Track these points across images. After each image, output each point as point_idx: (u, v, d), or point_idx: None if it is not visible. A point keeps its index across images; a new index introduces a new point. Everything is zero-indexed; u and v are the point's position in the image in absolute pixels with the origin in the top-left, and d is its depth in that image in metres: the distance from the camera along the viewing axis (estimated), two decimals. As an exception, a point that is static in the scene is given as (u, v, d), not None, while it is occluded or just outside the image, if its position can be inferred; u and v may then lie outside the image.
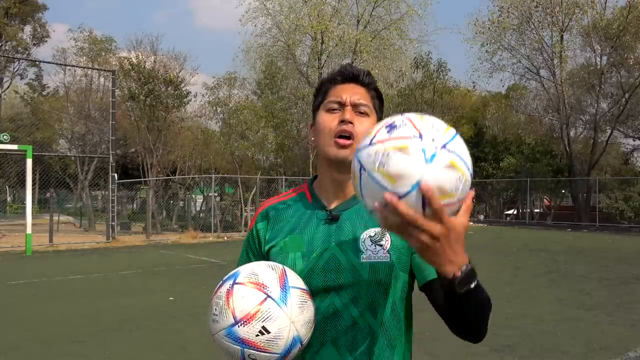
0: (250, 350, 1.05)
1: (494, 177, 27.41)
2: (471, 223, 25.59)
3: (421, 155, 0.89)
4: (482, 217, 27.75)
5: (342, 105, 1.27)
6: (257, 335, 1.04)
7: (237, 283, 1.09)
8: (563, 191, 27.84)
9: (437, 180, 0.89)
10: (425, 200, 0.89)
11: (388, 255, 1.21)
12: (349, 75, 1.30)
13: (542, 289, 8.09)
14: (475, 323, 1.10)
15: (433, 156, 0.90)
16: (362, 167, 0.95)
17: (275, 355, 1.06)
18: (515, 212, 28.99)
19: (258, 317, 1.04)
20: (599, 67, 24.22)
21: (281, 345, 1.06)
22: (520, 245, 15.34)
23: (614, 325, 5.82)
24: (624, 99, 23.63)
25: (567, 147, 24.47)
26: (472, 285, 0.99)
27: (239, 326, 1.04)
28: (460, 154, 0.95)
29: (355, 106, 1.27)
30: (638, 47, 23.32)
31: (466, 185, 0.95)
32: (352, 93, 1.28)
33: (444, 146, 0.92)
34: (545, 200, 29.60)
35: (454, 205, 0.93)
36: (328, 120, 1.27)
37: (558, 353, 4.84)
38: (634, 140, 28.85)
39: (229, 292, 1.08)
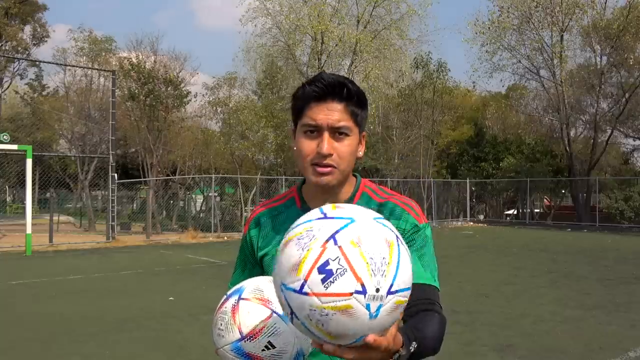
0: None
1: (494, 177, 27.40)
2: (471, 223, 25.61)
3: (366, 314, 0.79)
4: (482, 217, 27.75)
5: (319, 128, 1.19)
6: (263, 350, 1.06)
7: (242, 299, 1.10)
8: (563, 191, 27.83)
9: (382, 327, 0.83)
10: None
11: None
12: (322, 92, 1.18)
13: (542, 289, 8.08)
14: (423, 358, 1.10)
15: (379, 309, 0.80)
16: (293, 312, 0.83)
17: None
18: (515, 212, 28.97)
19: (264, 333, 1.06)
20: (599, 67, 24.21)
21: (285, 359, 1.07)
22: (520, 245, 15.33)
23: (614, 325, 5.81)
24: (624, 99, 23.62)
25: (567, 147, 24.46)
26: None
27: (245, 341, 1.06)
28: (405, 284, 0.84)
29: (333, 129, 1.18)
30: (638, 47, 23.31)
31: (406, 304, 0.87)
32: (328, 114, 1.18)
33: (389, 291, 0.81)
34: (545, 200, 29.59)
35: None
36: (305, 146, 1.20)
37: (558, 353, 4.84)
38: (634, 140, 28.87)
39: (234, 308, 1.09)
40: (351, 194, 1.30)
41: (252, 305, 1.09)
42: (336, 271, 0.78)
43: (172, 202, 26.11)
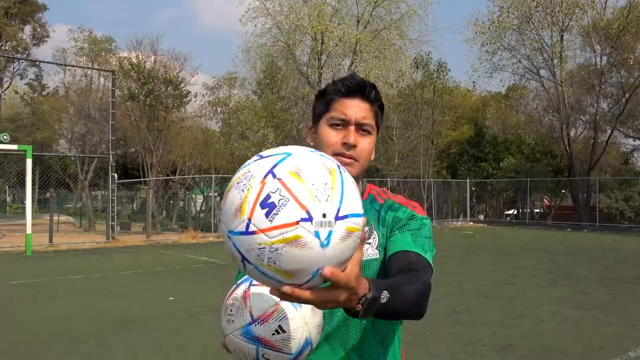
0: (265, 350, 1.06)
1: (494, 177, 27.40)
2: (471, 223, 25.60)
3: (316, 242, 0.76)
4: (482, 217, 27.75)
5: (346, 122, 1.25)
6: (273, 334, 1.06)
7: (253, 285, 1.12)
8: (563, 191, 27.83)
9: (338, 258, 0.79)
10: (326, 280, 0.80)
11: (377, 252, 1.25)
12: (354, 88, 1.26)
13: (542, 289, 8.09)
14: (402, 317, 1.09)
15: (329, 236, 0.77)
16: (244, 258, 0.79)
17: (288, 355, 1.08)
18: (515, 212, 28.98)
19: (275, 317, 1.07)
20: (599, 67, 24.22)
21: (294, 346, 1.08)
22: (520, 245, 15.34)
23: (614, 325, 5.81)
24: (624, 99, 23.62)
25: (567, 147, 24.47)
26: (377, 307, 0.92)
27: (255, 325, 1.07)
28: (353, 210, 0.81)
29: (359, 125, 1.25)
30: (638, 47, 23.31)
31: (362, 234, 0.83)
32: (356, 110, 1.25)
33: (337, 217, 0.78)
34: (545, 200, 29.59)
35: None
36: (331, 136, 1.26)
37: (558, 353, 4.84)
38: (634, 140, 28.89)
39: (245, 293, 1.11)
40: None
41: (263, 290, 1.09)
42: (278, 202, 0.76)
43: (172, 202, 26.12)
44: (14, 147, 14.31)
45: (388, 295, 0.93)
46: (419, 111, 25.22)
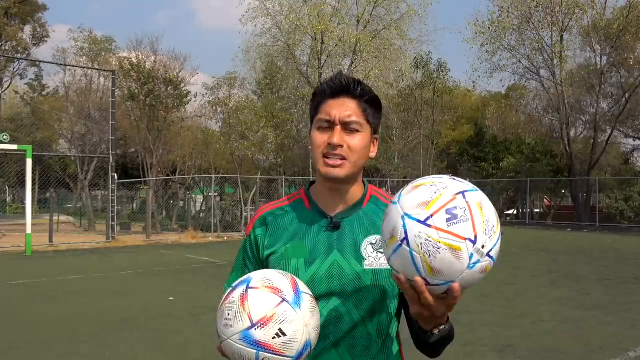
0: (266, 354, 1.05)
1: (494, 177, 27.40)
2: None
3: (467, 262, 0.93)
4: (482, 217, 27.67)
5: (331, 123, 1.24)
6: (274, 338, 1.04)
7: (251, 287, 1.09)
8: (563, 191, 27.82)
9: (468, 282, 0.96)
10: (447, 292, 0.96)
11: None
12: (338, 88, 1.25)
13: (542, 289, 8.09)
14: (432, 352, 1.20)
15: (476, 263, 0.94)
16: (406, 239, 0.94)
17: (289, 358, 1.06)
18: (515, 212, 28.97)
19: (275, 320, 1.05)
20: (599, 67, 24.21)
21: (295, 348, 1.06)
22: (520, 245, 15.33)
23: (614, 325, 5.81)
24: (624, 99, 23.62)
25: (567, 147, 24.46)
26: (441, 337, 1.10)
27: (255, 329, 1.04)
28: (496, 255, 0.98)
29: (345, 124, 1.24)
30: (638, 47, 23.30)
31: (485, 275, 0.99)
32: (341, 110, 1.24)
33: (488, 254, 0.95)
34: (545, 200, 29.58)
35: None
36: (318, 139, 1.25)
37: (558, 353, 4.84)
38: (634, 140, 28.87)
39: (243, 297, 1.08)
40: (361, 195, 1.32)
41: (262, 293, 1.08)
42: (460, 217, 0.92)
43: (172, 202, 26.11)
44: (14, 147, 14.31)
45: (451, 331, 1.13)
46: (419, 111, 25.23)
